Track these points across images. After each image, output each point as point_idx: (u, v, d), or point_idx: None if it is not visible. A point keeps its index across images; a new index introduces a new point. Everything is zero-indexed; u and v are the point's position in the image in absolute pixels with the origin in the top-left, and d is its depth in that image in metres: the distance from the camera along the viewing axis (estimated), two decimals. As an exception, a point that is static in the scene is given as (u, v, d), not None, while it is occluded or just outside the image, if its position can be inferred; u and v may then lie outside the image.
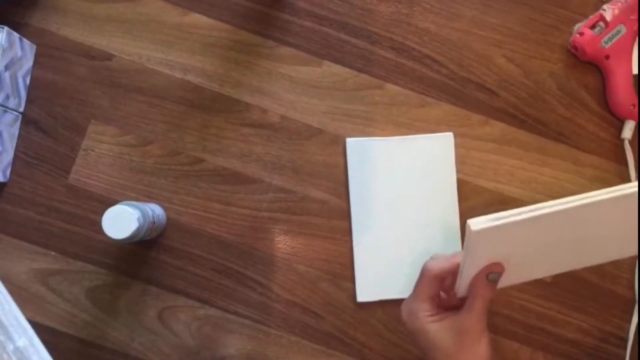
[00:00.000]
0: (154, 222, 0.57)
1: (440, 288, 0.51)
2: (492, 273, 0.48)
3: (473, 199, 0.65)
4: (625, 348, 0.63)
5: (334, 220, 0.64)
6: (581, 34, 0.65)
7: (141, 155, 0.64)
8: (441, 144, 0.64)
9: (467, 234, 0.45)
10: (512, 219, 0.44)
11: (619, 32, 0.64)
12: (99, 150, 0.64)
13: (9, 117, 0.62)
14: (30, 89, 0.64)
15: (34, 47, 0.65)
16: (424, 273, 0.51)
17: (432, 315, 0.49)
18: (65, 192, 0.63)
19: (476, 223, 0.44)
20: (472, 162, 0.65)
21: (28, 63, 0.64)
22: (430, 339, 0.48)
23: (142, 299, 0.62)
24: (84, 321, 0.62)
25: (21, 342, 0.42)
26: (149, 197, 0.63)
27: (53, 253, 0.62)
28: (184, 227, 0.63)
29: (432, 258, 0.52)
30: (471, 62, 0.66)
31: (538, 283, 0.58)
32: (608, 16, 0.64)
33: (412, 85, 0.66)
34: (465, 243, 0.46)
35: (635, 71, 0.66)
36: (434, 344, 0.48)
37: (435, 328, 0.48)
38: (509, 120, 0.66)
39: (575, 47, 0.66)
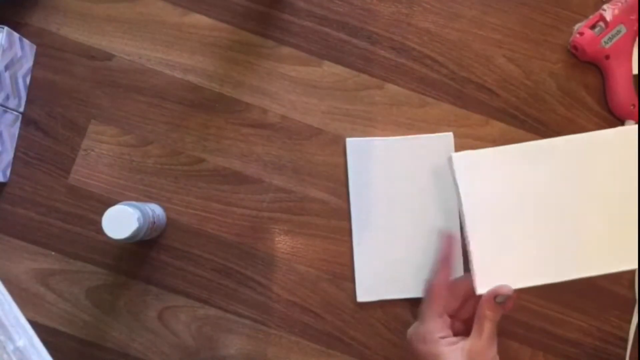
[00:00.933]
0: (154, 222, 0.57)
1: (448, 301, 0.50)
2: (500, 295, 0.47)
3: (473, 199, 0.64)
4: (625, 348, 0.63)
5: (334, 220, 0.64)
6: (581, 34, 0.65)
7: (141, 155, 0.64)
8: (441, 144, 0.64)
9: (450, 166, 0.49)
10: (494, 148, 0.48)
11: (619, 32, 0.64)
12: (99, 150, 0.64)
13: (9, 117, 0.62)
14: (30, 89, 0.64)
15: (34, 47, 0.65)
16: (429, 290, 0.50)
17: (444, 338, 0.48)
18: (65, 192, 0.63)
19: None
20: (472, 162, 0.65)
21: (28, 63, 0.64)
22: None
23: (142, 299, 0.62)
24: (84, 321, 0.62)
25: (21, 342, 0.42)
26: (149, 197, 0.63)
27: (53, 253, 0.62)
28: (184, 227, 0.63)
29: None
30: (471, 62, 0.66)
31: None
32: (608, 16, 0.64)
33: (412, 85, 0.66)
34: (453, 177, 0.49)
35: (635, 71, 0.66)
36: None
37: (448, 351, 0.47)
38: (509, 120, 0.66)
39: (575, 47, 0.66)
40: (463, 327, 0.51)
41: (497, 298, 0.48)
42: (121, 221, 0.52)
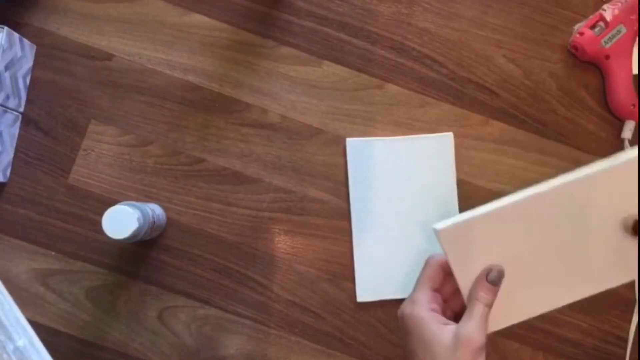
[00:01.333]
0: (154, 222, 0.57)
1: (444, 281, 0.49)
2: (491, 272, 0.46)
3: (473, 199, 0.64)
4: (625, 348, 0.63)
5: (334, 220, 0.64)
6: (581, 34, 0.65)
7: (141, 155, 0.64)
8: (441, 144, 0.64)
9: (438, 239, 0.46)
10: (477, 212, 0.46)
11: (619, 32, 0.64)
12: (99, 150, 0.64)
13: (9, 117, 0.62)
14: (30, 89, 0.64)
15: (34, 47, 0.65)
16: (426, 262, 0.49)
17: (434, 311, 0.46)
18: (65, 192, 0.63)
19: (442, 223, 0.46)
20: (472, 162, 0.65)
21: (28, 63, 0.64)
22: (427, 334, 0.44)
23: (142, 299, 0.62)
24: (84, 321, 0.62)
25: (21, 342, 0.42)
26: (149, 197, 0.63)
27: (53, 253, 0.62)
28: (184, 227, 0.63)
29: None
30: (471, 62, 0.66)
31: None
32: (608, 16, 0.64)
33: (412, 85, 0.66)
34: (444, 251, 0.46)
35: (635, 71, 0.66)
36: (430, 341, 0.43)
37: (436, 325, 0.44)
38: (509, 120, 0.66)
39: (575, 47, 0.66)
40: (453, 318, 0.50)
41: (489, 276, 0.46)
42: (121, 221, 0.52)
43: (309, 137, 0.65)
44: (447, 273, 0.49)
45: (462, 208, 0.64)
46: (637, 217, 0.47)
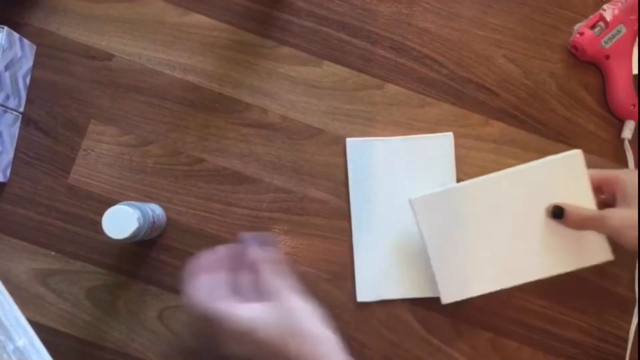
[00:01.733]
0: (154, 222, 0.57)
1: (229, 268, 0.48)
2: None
3: (473, 199, 0.64)
4: (625, 348, 0.63)
5: (334, 220, 0.64)
6: (581, 34, 0.65)
7: (141, 155, 0.64)
8: (441, 144, 0.64)
9: (411, 208, 0.58)
10: (446, 187, 0.58)
11: (619, 32, 0.64)
12: (99, 150, 0.64)
13: (9, 117, 0.62)
14: (30, 89, 0.64)
15: (34, 47, 0.65)
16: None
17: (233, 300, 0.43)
18: (65, 192, 0.63)
19: (416, 195, 0.57)
20: (472, 162, 0.65)
21: (28, 63, 0.64)
22: (246, 325, 0.41)
23: (142, 299, 0.62)
24: (84, 321, 0.62)
25: (21, 342, 0.42)
26: (149, 197, 0.63)
27: (53, 253, 0.62)
28: (184, 227, 0.63)
29: None
30: (471, 62, 0.66)
31: (538, 283, 0.58)
32: (608, 16, 0.64)
33: (412, 85, 0.66)
34: (415, 218, 0.58)
35: (635, 71, 0.66)
36: (251, 331, 0.41)
37: (248, 311, 0.42)
38: (509, 120, 0.66)
39: (575, 47, 0.66)
40: None
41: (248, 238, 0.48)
42: (121, 221, 0.52)
43: (309, 137, 0.65)
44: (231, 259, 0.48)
45: (462, 208, 0.64)
46: (555, 203, 0.55)
